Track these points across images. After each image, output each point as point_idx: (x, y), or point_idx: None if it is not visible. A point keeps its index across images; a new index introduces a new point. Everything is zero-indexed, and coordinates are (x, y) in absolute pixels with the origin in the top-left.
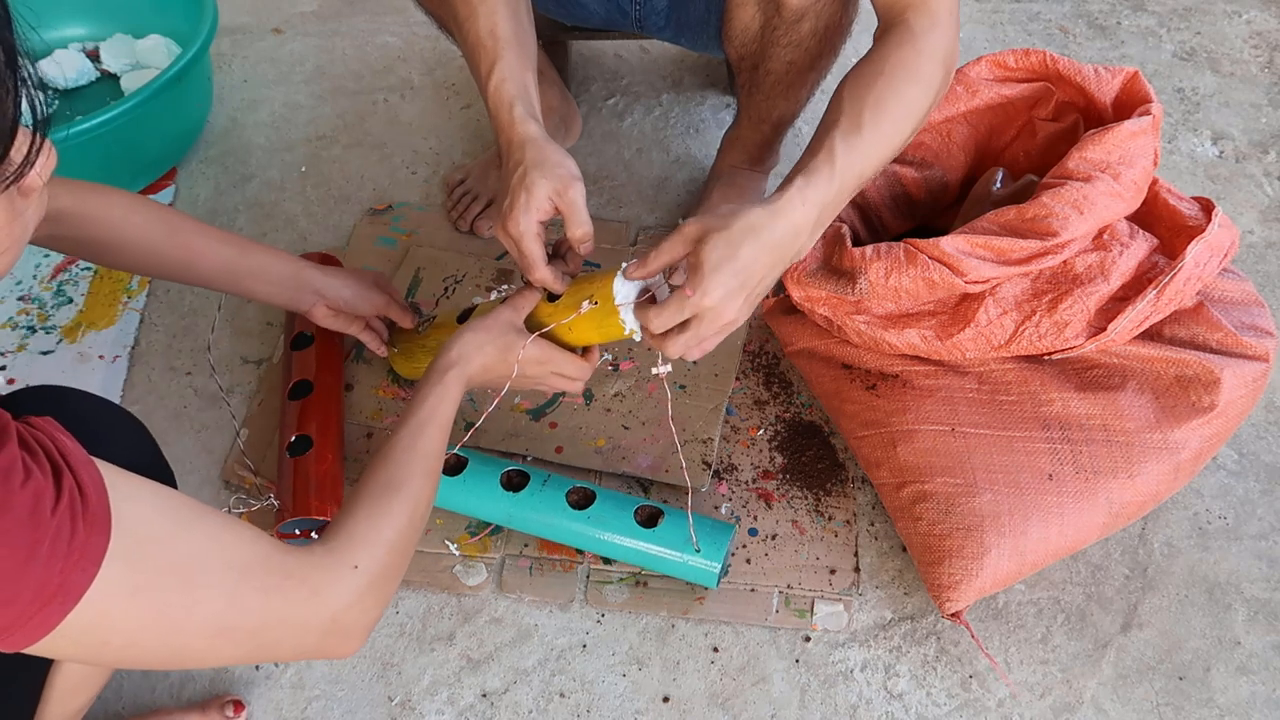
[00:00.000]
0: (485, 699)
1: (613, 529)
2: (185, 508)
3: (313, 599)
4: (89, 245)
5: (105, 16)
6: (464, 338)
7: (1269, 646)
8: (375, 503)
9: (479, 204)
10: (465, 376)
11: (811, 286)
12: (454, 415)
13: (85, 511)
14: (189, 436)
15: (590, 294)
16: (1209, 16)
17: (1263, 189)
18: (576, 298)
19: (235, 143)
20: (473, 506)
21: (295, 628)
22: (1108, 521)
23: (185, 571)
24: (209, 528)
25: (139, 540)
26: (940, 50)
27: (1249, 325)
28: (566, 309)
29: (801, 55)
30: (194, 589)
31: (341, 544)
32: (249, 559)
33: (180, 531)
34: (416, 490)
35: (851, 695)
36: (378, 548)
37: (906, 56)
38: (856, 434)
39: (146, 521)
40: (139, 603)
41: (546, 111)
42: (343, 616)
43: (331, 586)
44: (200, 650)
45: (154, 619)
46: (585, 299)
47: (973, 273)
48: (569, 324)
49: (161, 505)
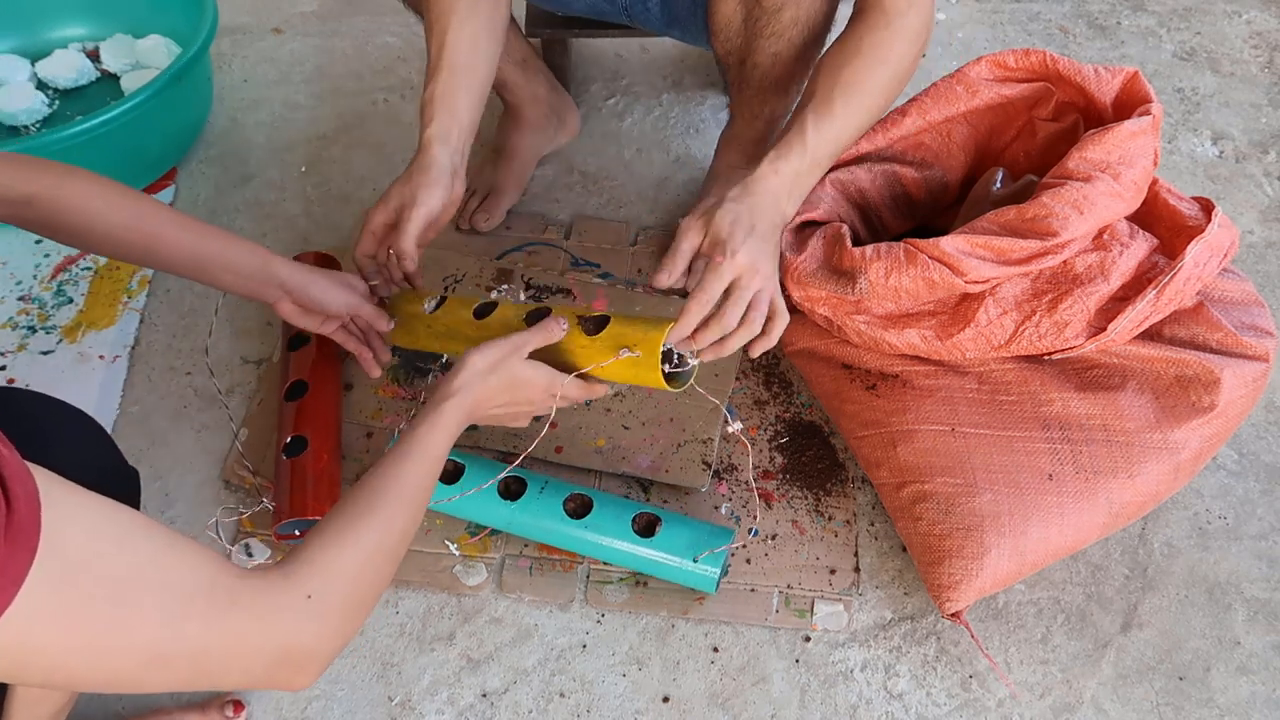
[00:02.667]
0: (485, 699)
1: (610, 536)
2: (129, 525)
3: (259, 627)
4: (56, 229)
5: (105, 16)
6: (468, 367)
7: (1269, 646)
8: (342, 529)
9: (475, 199)
10: (465, 408)
11: (811, 286)
12: (448, 446)
13: (10, 526)
14: (189, 436)
15: (633, 343)
16: (1209, 16)
17: (1263, 189)
18: (616, 342)
19: (235, 143)
20: (470, 513)
21: (240, 656)
22: (1108, 521)
23: (119, 593)
24: (152, 548)
25: (71, 558)
26: (913, 30)
27: (1249, 325)
28: (604, 351)
29: (785, 46)
30: (127, 612)
31: (298, 570)
32: (191, 582)
33: (119, 551)
34: (390, 519)
35: (851, 695)
36: (337, 577)
37: (880, 39)
38: (856, 434)
39: (82, 538)
40: (65, 625)
41: (534, 101)
42: (293, 647)
43: (280, 614)
44: (135, 675)
45: (83, 642)
46: (625, 346)
47: (973, 272)
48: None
49: (102, 521)
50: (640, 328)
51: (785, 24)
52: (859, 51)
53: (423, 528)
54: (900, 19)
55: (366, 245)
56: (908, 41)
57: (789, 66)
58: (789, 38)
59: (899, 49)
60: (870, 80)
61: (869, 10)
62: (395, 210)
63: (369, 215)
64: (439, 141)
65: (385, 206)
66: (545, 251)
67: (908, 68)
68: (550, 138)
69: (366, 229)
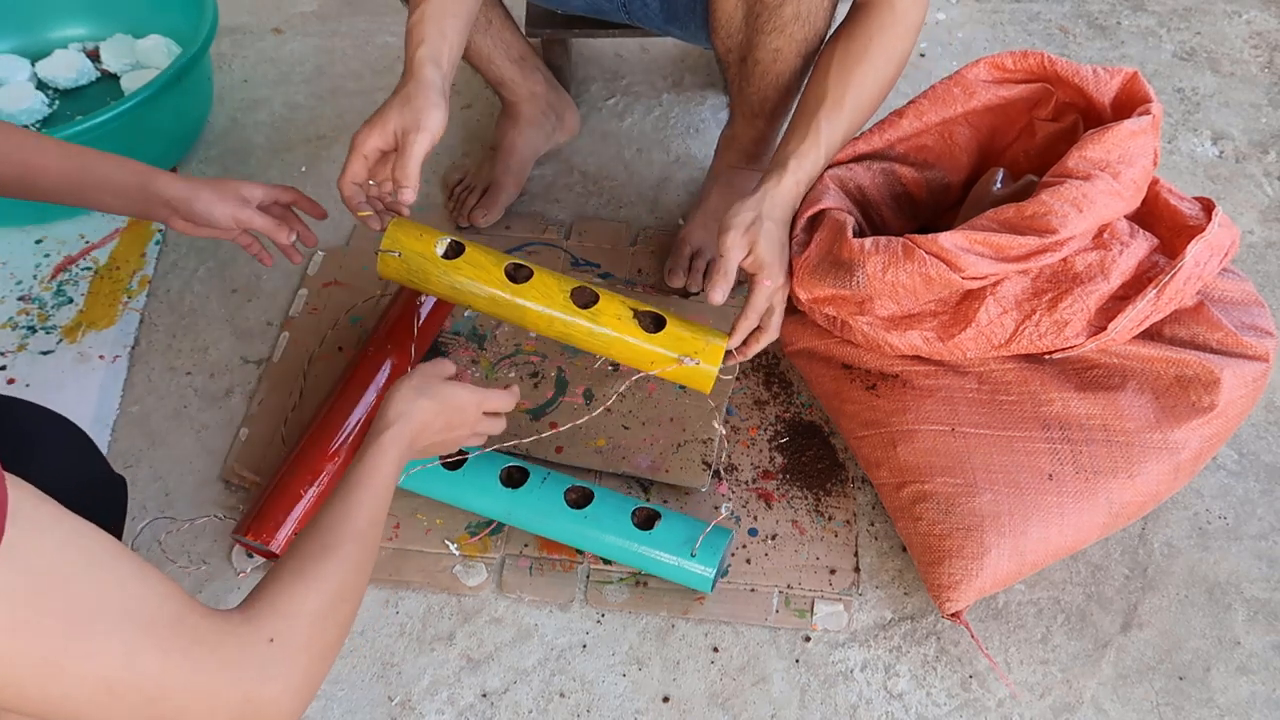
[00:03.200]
0: (485, 699)
1: (609, 529)
2: (99, 547)
3: (222, 671)
4: None
5: (105, 16)
6: (402, 395)
7: (1269, 646)
8: (299, 571)
9: (474, 195)
10: (406, 436)
11: (816, 285)
12: (396, 476)
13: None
14: (189, 436)
15: (694, 350)
16: (1209, 16)
17: (1263, 189)
18: (675, 345)
19: (235, 143)
20: (471, 501)
21: (201, 700)
22: (1108, 521)
23: (78, 616)
24: (118, 574)
25: (34, 571)
26: (916, 25)
27: (1249, 325)
28: (663, 359)
29: (786, 41)
30: (85, 637)
31: (259, 613)
32: (155, 615)
33: (83, 573)
34: (347, 557)
35: (851, 695)
36: (298, 619)
37: (888, 39)
38: (856, 434)
39: (47, 555)
40: (21, 637)
41: (532, 98)
42: (256, 696)
43: (243, 660)
44: (85, 705)
45: (35, 662)
46: (687, 354)
47: (971, 268)
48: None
49: (70, 541)
50: (698, 334)
51: (786, 19)
52: (868, 52)
53: (423, 527)
54: (905, 16)
55: (357, 170)
56: (910, 36)
57: (790, 63)
58: (790, 33)
59: (903, 46)
60: (879, 79)
61: (876, 6)
62: (395, 134)
63: (360, 139)
64: (432, 63)
65: (383, 129)
66: (545, 251)
67: (907, 60)
68: (548, 135)
69: (357, 153)
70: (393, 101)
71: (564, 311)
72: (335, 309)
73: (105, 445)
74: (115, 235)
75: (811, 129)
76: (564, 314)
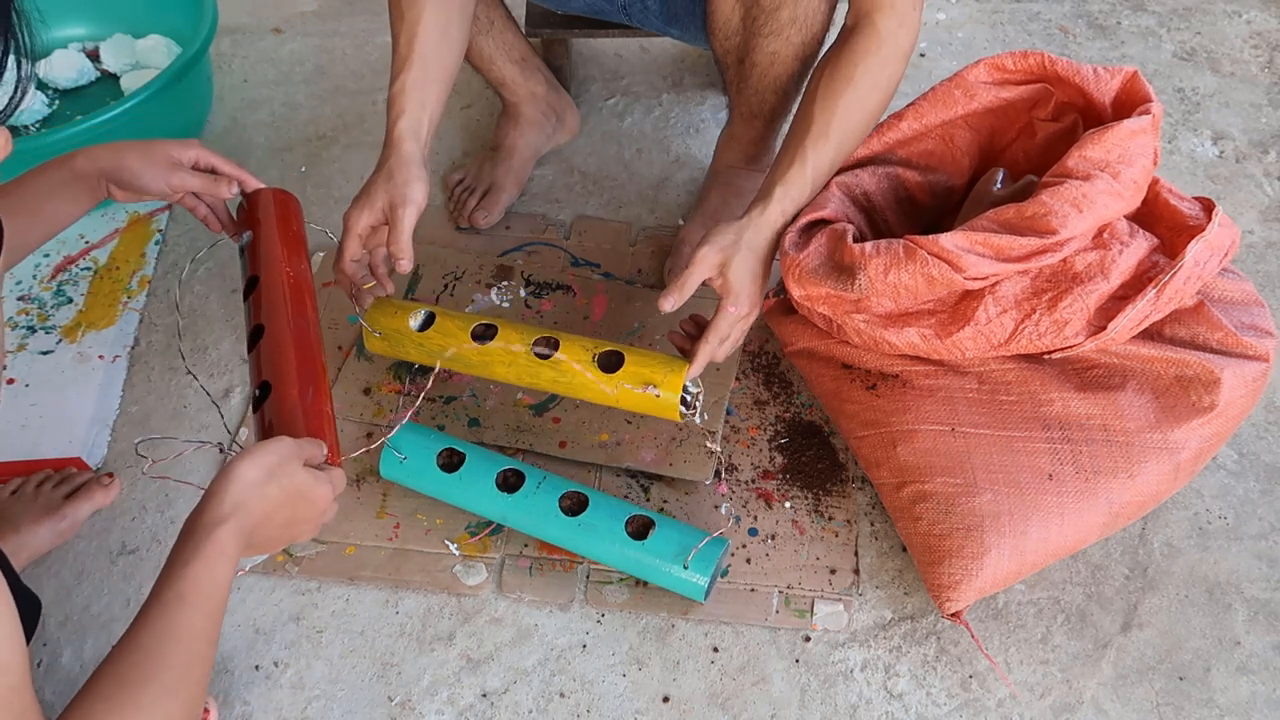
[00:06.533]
0: (485, 699)
1: (604, 537)
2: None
3: None
4: None
5: (105, 16)
6: (239, 480)
7: (1269, 646)
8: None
9: (474, 196)
10: (244, 530)
11: (811, 285)
12: (230, 577)
13: None
14: (189, 436)
15: (655, 381)
16: (1209, 16)
17: (1263, 189)
18: (635, 379)
19: (235, 143)
20: (467, 504)
21: None
22: (1108, 521)
23: None
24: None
25: None
26: (904, 51)
27: (1249, 325)
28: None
29: (783, 45)
30: None
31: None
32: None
33: None
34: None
35: (851, 695)
36: None
37: (873, 66)
38: (856, 434)
39: None
40: None
41: (532, 99)
42: None
43: None
44: None
45: None
46: (646, 384)
47: (972, 269)
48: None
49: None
50: (657, 366)
51: (783, 22)
52: (852, 80)
53: (423, 527)
54: (892, 40)
55: (354, 249)
56: (898, 62)
57: (787, 66)
58: (787, 36)
59: (890, 71)
60: (864, 108)
61: (861, 32)
62: (382, 210)
63: (352, 219)
64: (411, 136)
65: (370, 208)
66: (545, 251)
67: (896, 86)
68: (549, 136)
69: (351, 233)
70: (377, 178)
71: (529, 363)
72: (334, 309)
73: (105, 445)
74: (115, 235)
75: (798, 158)
76: (529, 365)
